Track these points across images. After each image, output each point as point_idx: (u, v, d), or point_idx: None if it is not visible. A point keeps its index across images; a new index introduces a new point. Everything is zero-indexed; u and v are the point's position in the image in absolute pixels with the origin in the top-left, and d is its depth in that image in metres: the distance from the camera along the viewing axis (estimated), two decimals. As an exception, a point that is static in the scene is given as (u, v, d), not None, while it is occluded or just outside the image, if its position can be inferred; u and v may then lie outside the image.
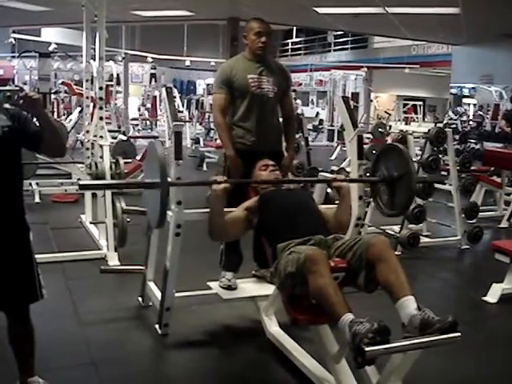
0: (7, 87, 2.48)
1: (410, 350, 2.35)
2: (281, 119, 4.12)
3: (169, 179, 3.10)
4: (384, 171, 3.40)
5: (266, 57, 3.93)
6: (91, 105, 6.63)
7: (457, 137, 9.22)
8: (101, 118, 5.45)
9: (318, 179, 3.86)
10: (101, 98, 5.47)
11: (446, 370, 3.30)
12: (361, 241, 2.80)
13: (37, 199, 7.44)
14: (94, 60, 5.87)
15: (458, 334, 2.35)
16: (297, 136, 7.15)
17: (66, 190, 7.87)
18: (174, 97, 4.26)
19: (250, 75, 3.82)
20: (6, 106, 2.48)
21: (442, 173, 7.21)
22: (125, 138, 9.79)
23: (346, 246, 2.84)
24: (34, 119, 2.57)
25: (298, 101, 20.77)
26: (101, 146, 5.36)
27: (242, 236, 3.58)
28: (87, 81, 6.17)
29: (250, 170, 3.67)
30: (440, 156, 6.28)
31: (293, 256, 2.76)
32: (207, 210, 3.43)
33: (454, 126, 12.86)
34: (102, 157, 5.28)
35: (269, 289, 3.56)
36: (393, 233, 5.84)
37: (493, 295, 4.52)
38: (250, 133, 3.85)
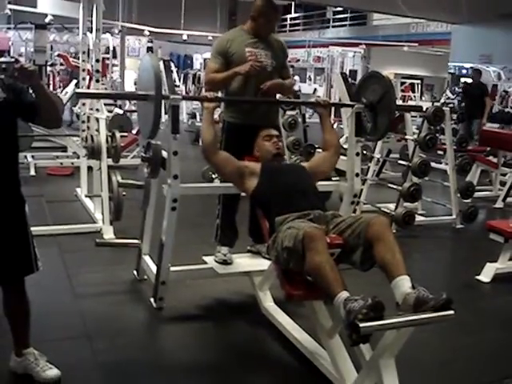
0: (2, 59, 2.45)
1: (404, 326, 2.35)
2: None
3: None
4: (363, 99, 3.83)
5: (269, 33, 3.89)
6: (87, 77, 6.58)
7: (454, 116, 9.21)
8: (97, 91, 5.42)
9: (303, 101, 4.09)
10: (97, 71, 5.43)
11: (438, 348, 3.33)
12: (361, 219, 2.80)
13: (32, 172, 7.42)
14: (91, 32, 5.81)
15: (452, 311, 2.36)
16: (293, 112, 7.12)
17: (61, 163, 7.86)
18: (172, 70, 4.26)
19: (248, 48, 3.76)
20: (2, 77, 2.45)
21: (439, 152, 7.22)
22: (121, 111, 9.73)
23: (345, 224, 2.84)
24: (30, 91, 2.54)
25: (296, 77, 20.65)
26: (97, 120, 5.33)
27: (225, 177, 3.60)
28: (84, 53, 6.11)
29: (246, 144, 3.62)
30: (437, 135, 6.27)
31: (291, 231, 2.76)
32: (203, 184, 3.43)
33: (452, 105, 12.83)
34: (98, 130, 5.26)
35: (264, 264, 3.57)
36: (388, 211, 5.85)
37: (486, 274, 4.55)
38: (247, 109, 3.80)
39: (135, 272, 4.12)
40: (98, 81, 5.35)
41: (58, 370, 2.75)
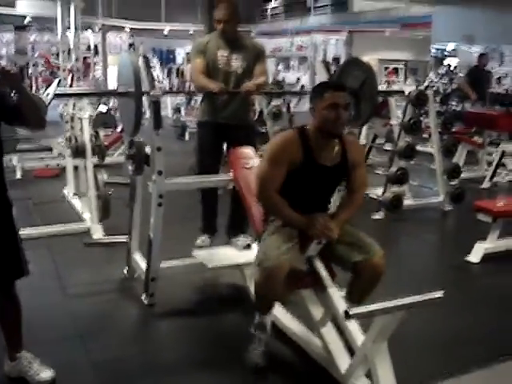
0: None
1: (392, 311, 2.36)
2: None
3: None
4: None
5: (238, 35, 4.08)
6: (69, 76, 6.55)
7: (438, 98, 9.19)
8: (79, 90, 5.39)
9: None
10: (77, 70, 5.40)
11: (430, 330, 3.35)
12: (366, 253, 2.79)
13: (18, 175, 7.36)
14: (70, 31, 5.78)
15: (440, 294, 2.37)
16: (278, 102, 7.10)
17: (47, 165, 7.80)
18: (151, 66, 4.24)
19: (220, 52, 4.00)
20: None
21: (424, 135, 7.23)
22: (105, 109, 9.66)
23: (349, 240, 2.85)
24: (11, 94, 2.52)
25: (280, 66, 20.64)
26: (80, 119, 5.31)
27: None
28: (64, 52, 6.08)
29: (218, 141, 4.10)
30: (422, 118, 6.28)
31: (262, 253, 2.83)
32: (189, 179, 3.44)
33: (436, 87, 12.83)
34: (81, 129, 5.23)
35: (254, 255, 3.57)
36: (376, 196, 5.87)
37: (475, 255, 4.57)
38: (219, 108, 4.04)
39: (126, 269, 4.11)
40: (77, 80, 5.32)
41: (52, 372, 2.75)
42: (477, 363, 3.02)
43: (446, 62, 15.09)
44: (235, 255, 3.82)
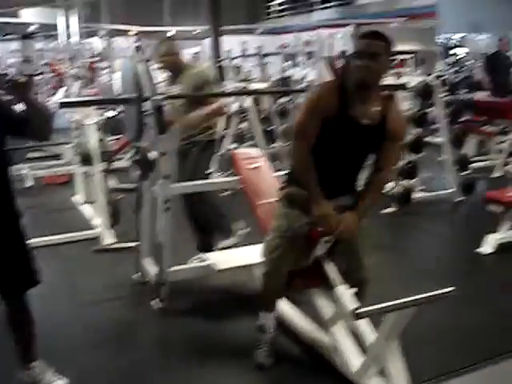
0: (-9, 73, 2.42)
1: (403, 308, 2.34)
2: None
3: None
4: None
5: (179, 67, 4.11)
6: (76, 83, 6.56)
7: (447, 88, 9.09)
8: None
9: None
10: (84, 76, 5.41)
11: (442, 324, 3.32)
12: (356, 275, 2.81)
13: (28, 183, 7.39)
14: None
15: (450, 289, 2.35)
16: (285, 100, 7.09)
17: (57, 172, 7.82)
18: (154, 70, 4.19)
19: (167, 88, 4.14)
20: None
21: (433, 126, 7.17)
22: (113, 114, 9.65)
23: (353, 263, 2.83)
24: (17, 104, 2.50)
25: (287, 64, 20.55)
26: (86, 125, 5.31)
27: None
28: (68, 60, 6.10)
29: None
30: (432, 109, 6.22)
31: (264, 250, 2.89)
32: (194, 183, 3.45)
33: (445, 77, 12.72)
34: (88, 136, 5.24)
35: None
36: (386, 191, 5.84)
37: (487, 246, 4.53)
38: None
39: (137, 275, 4.11)
40: (84, 86, 5.33)
41: (66, 380, 2.76)
42: (491, 358, 2.98)
43: (453, 51, 14.98)
44: (244, 256, 3.80)
